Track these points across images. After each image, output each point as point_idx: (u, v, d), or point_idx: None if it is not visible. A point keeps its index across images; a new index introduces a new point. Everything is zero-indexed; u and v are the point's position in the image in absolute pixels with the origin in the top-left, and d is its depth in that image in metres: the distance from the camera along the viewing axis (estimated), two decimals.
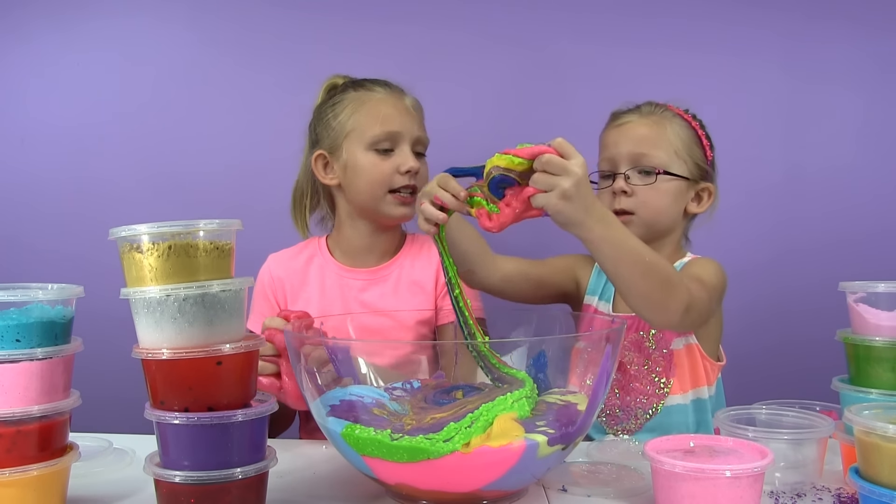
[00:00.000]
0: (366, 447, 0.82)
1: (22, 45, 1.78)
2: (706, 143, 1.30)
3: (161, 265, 0.80)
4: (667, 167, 1.24)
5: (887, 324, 0.96)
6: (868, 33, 1.73)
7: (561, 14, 1.75)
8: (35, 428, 0.81)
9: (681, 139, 1.27)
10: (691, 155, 1.27)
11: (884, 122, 1.74)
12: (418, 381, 0.96)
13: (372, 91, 1.34)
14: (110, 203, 1.77)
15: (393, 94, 1.34)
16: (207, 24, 1.78)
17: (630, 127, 1.28)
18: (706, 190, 1.29)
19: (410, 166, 1.30)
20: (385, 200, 1.32)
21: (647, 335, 1.26)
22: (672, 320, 1.06)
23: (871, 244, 1.72)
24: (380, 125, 1.30)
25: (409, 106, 1.35)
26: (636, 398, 1.25)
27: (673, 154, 1.26)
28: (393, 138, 1.31)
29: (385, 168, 1.30)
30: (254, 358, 0.86)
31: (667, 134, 1.26)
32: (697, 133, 1.29)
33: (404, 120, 1.32)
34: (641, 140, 1.26)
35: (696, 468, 0.81)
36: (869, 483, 0.78)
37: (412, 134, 1.32)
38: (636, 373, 1.26)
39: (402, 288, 1.36)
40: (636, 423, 1.26)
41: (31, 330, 0.81)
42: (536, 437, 0.81)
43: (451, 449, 0.78)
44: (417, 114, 1.36)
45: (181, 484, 0.80)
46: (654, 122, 1.27)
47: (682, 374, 1.25)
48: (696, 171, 1.28)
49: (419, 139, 1.34)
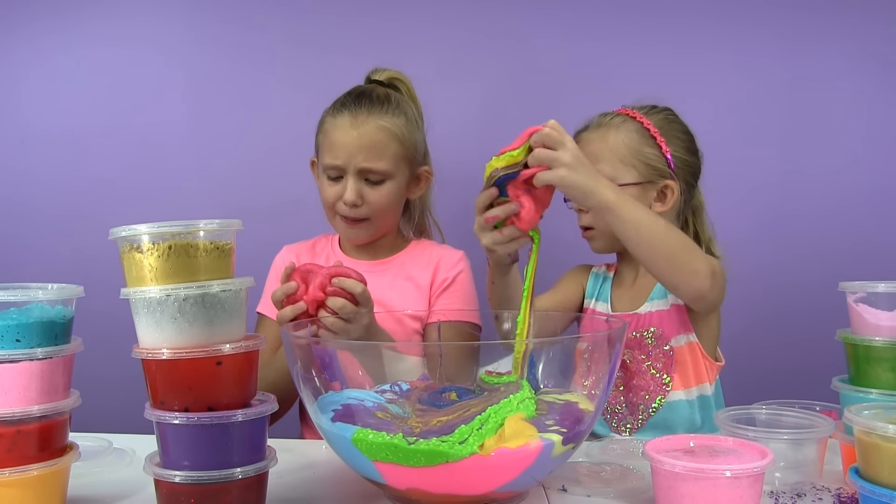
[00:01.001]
0: (379, 452, 0.80)
1: (22, 45, 1.78)
2: (661, 140, 1.28)
3: (161, 265, 0.80)
4: (613, 179, 1.21)
5: (887, 324, 0.96)
6: (869, 32, 1.73)
7: (559, 12, 1.75)
8: (35, 428, 0.81)
9: (626, 145, 1.27)
10: (640, 157, 1.27)
11: (884, 121, 1.74)
12: (407, 383, 0.95)
13: (337, 116, 1.36)
14: (110, 203, 1.77)
15: (353, 122, 1.33)
16: (207, 23, 1.78)
17: (582, 145, 1.27)
18: (668, 188, 1.28)
19: (346, 199, 1.33)
20: (336, 220, 1.39)
21: (646, 332, 1.27)
22: (703, 284, 1.09)
23: (871, 244, 1.72)
24: (327, 153, 1.35)
25: (365, 134, 1.32)
26: (638, 394, 1.27)
27: (618, 163, 1.26)
28: (338, 168, 1.34)
29: (331, 194, 1.36)
30: (254, 358, 0.86)
31: (608, 145, 1.27)
32: (650, 132, 1.28)
33: (350, 151, 1.32)
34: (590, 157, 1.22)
35: (696, 468, 0.81)
36: (869, 483, 0.78)
37: (356, 166, 1.32)
38: (637, 369, 1.27)
39: (398, 283, 1.39)
40: (639, 419, 1.27)
41: (31, 330, 0.81)
42: (552, 436, 0.81)
43: (469, 451, 0.77)
44: (373, 142, 1.33)
45: (181, 484, 0.80)
46: (599, 136, 1.29)
47: (685, 371, 1.27)
48: (649, 171, 1.27)
49: (367, 170, 1.33)
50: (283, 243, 1.49)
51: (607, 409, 1.29)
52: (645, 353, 1.28)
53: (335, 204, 1.36)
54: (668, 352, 1.26)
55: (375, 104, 1.35)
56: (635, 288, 1.34)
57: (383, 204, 1.36)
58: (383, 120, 1.34)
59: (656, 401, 1.26)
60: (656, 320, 1.28)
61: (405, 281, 1.40)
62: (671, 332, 1.26)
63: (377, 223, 1.38)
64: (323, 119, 1.40)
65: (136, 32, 1.78)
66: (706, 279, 1.09)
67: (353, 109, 1.35)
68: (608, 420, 1.30)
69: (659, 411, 1.26)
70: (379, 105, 1.35)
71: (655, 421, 1.26)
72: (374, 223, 1.38)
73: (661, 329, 1.27)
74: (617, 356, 0.90)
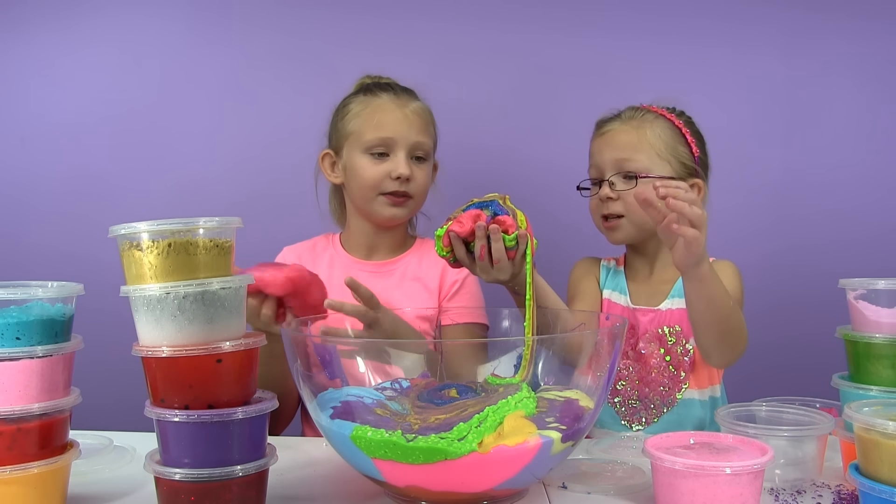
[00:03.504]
0: (378, 449, 0.80)
1: (22, 44, 1.78)
2: (691, 140, 1.32)
3: (161, 263, 0.80)
4: (648, 170, 1.27)
5: (887, 321, 0.96)
6: (869, 30, 1.73)
7: (559, 11, 1.75)
8: (35, 426, 0.81)
9: (662, 140, 1.29)
10: (675, 154, 1.30)
11: (884, 119, 1.74)
12: (407, 380, 0.95)
13: (376, 97, 1.37)
14: (110, 202, 1.77)
15: (396, 100, 1.36)
16: (207, 21, 1.78)
17: (612, 135, 1.31)
18: (695, 186, 1.30)
19: (401, 172, 1.32)
20: (377, 201, 1.36)
21: (668, 329, 1.29)
22: (730, 362, 1.18)
23: (871, 241, 1.72)
24: (374, 130, 1.34)
25: (412, 112, 1.35)
26: (655, 389, 1.29)
27: (655, 156, 1.28)
28: (387, 144, 1.33)
29: (377, 172, 1.34)
30: (254, 356, 0.86)
31: (647, 137, 1.29)
32: (682, 131, 1.31)
33: (400, 126, 1.33)
34: (623, 146, 1.29)
35: (697, 465, 0.81)
36: (869, 480, 0.78)
37: (408, 140, 1.33)
38: (656, 364, 1.29)
39: (406, 284, 1.38)
40: (652, 413, 1.29)
41: (31, 328, 0.81)
42: (551, 433, 0.81)
43: (468, 449, 0.77)
44: (420, 119, 1.36)
45: (181, 481, 0.80)
46: (635, 128, 1.30)
47: (700, 372, 1.29)
48: (681, 169, 1.30)
49: (417, 144, 1.35)
50: (283, 241, 1.48)
51: (621, 401, 1.31)
52: (665, 348, 1.29)
53: (381, 182, 1.33)
54: (687, 350, 1.28)
55: (408, 91, 1.39)
56: (653, 283, 1.35)
57: (425, 183, 1.37)
58: (422, 103, 1.38)
59: (671, 398, 1.28)
60: (677, 318, 1.30)
61: (413, 281, 1.39)
62: (690, 332, 1.27)
63: (416, 204, 1.38)
64: (346, 106, 1.38)
65: (135, 31, 1.78)
66: (735, 359, 1.16)
67: (391, 92, 1.37)
68: (620, 413, 1.31)
69: (672, 409, 1.28)
70: (410, 93, 1.39)
71: (668, 418, 1.28)
72: (415, 204, 1.38)
73: (682, 327, 1.29)
74: (617, 353, 0.90)
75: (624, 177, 1.29)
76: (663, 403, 1.28)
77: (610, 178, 1.29)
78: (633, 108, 1.34)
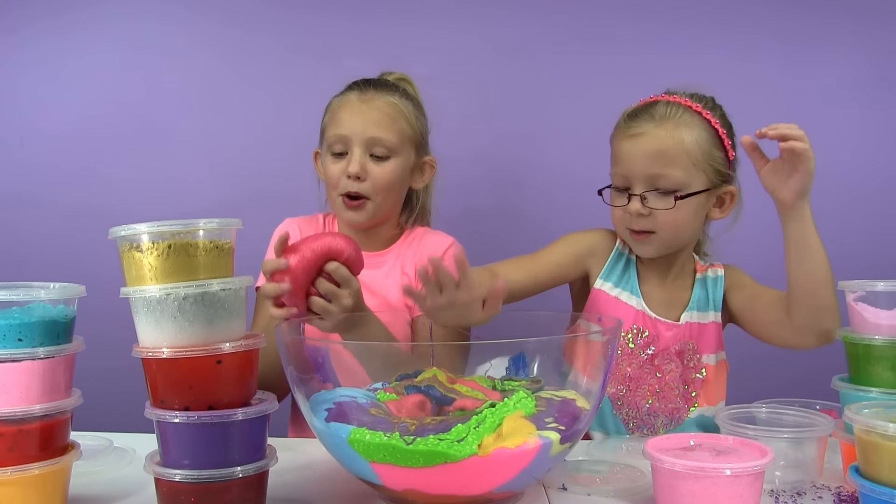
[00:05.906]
0: (376, 453, 0.79)
1: (22, 46, 1.78)
2: (728, 143, 1.22)
3: (161, 264, 0.80)
4: (685, 187, 1.17)
5: (887, 322, 0.96)
6: (869, 31, 1.73)
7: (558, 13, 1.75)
8: (36, 427, 0.81)
9: (700, 147, 1.18)
10: (711, 162, 1.20)
11: (882, 121, 1.74)
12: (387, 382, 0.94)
13: (346, 94, 1.35)
14: (110, 203, 1.77)
15: (361, 96, 1.32)
16: (206, 24, 1.78)
17: (645, 141, 1.18)
18: (728, 193, 1.24)
19: (350, 170, 1.29)
20: (337, 202, 1.33)
21: (688, 345, 1.25)
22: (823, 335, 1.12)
23: (870, 243, 1.72)
24: (333, 128, 1.32)
25: (374, 107, 1.31)
26: (666, 405, 1.25)
27: (691, 167, 1.18)
28: (343, 141, 1.31)
29: (335, 171, 1.32)
30: (254, 357, 0.86)
31: (684, 146, 1.17)
32: (718, 133, 1.21)
33: (355, 122, 1.30)
34: (657, 157, 1.17)
35: (697, 467, 0.81)
36: (869, 482, 0.78)
37: (362, 136, 1.29)
38: (671, 380, 1.25)
39: (394, 274, 1.36)
40: (658, 428, 1.25)
41: (32, 329, 0.82)
42: (549, 434, 0.81)
43: (468, 452, 0.77)
44: (381, 115, 1.30)
45: (181, 483, 0.80)
46: (670, 134, 1.18)
47: (710, 389, 1.26)
48: (716, 177, 1.21)
49: (374, 140, 1.29)
50: None
51: (631, 407, 1.26)
52: (683, 366, 1.25)
53: (338, 181, 1.30)
54: (699, 369, 1.25)
55: (384, 86, 1.35)
56: (667, 291, 1.29)
57: (386, 182, 1.30)
58: (392, 97, 1.33)
59: (680, 415, 1.25)
60: (695, 333, 1.26)
61: (402, 273, 1.36)
62: (706, 349, 1.25)
63: (378, 205, 1.32)
64: (330, 103, 1.38)
65: (135, 33, 1.78)
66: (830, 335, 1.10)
67: (361, 88, 1.34)
68: (626, 418, 1.26)
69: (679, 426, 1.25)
70: (387, 88, 1.35)
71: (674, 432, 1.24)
72: (375, 204, 1.31)
73: (697, 343, 1.26)
74: (612, 354, 0.90)
75: (658, 192, 1.19)
76: (671, 420, 1.25)
77: (642, 194, 1.19)
78: (667, 104, 1.21)
